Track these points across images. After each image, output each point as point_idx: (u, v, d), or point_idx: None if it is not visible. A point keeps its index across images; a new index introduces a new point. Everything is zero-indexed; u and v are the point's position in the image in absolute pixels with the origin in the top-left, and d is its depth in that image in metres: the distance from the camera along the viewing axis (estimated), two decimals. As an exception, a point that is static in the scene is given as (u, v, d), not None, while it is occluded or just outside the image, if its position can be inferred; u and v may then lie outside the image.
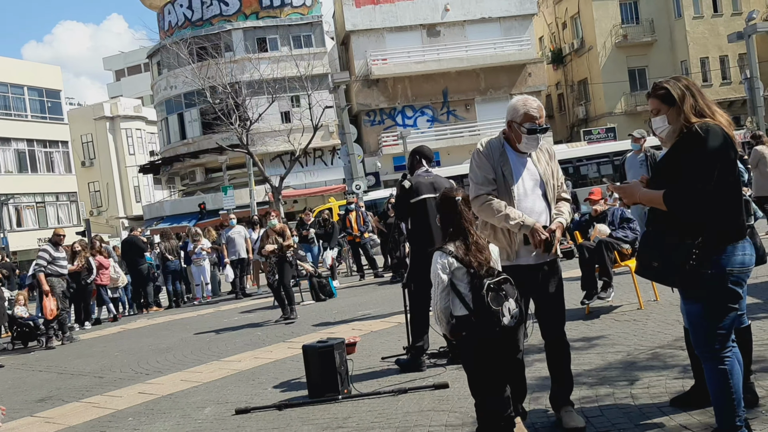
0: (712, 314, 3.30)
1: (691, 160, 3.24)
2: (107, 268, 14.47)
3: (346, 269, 17.66)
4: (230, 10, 35.94)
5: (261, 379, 6.59)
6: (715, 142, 3.20)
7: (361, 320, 9.24)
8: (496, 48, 36.77)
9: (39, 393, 7.66)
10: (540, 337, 4.22)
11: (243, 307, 13.18)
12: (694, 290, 3.32)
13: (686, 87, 3.41)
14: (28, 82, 39.90)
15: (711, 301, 3.29)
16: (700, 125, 3.26)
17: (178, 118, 37.23)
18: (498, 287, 3.55)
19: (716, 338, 3.31)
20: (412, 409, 4.89)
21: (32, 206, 40.37)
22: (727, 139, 3.24)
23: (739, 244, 3.29)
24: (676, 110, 3.38)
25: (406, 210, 6.24)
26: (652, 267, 3.42)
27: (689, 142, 3.26)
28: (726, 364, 3.32)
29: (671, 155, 3.39)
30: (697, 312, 3.35)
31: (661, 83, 3.49)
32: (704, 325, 3.33)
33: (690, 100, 3.35)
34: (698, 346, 3.40)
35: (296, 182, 34.53)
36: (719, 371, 3.32)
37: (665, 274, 3.40)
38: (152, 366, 8.27)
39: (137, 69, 60.09)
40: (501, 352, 3.67)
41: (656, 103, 3.47)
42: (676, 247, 3.29)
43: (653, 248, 3.42)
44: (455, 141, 35.59)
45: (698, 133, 3.23)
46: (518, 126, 4.00)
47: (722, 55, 38.74)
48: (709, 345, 3.33)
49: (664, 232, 3.37)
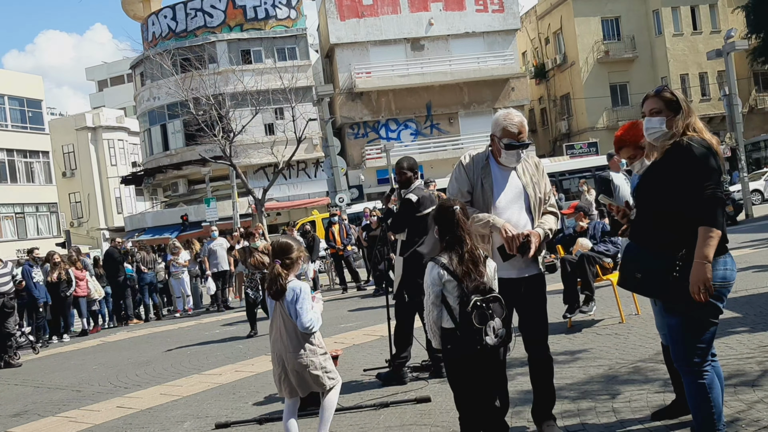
0: (693, 328, 3.29)
1: (694, 170, 3.22)
2: (82, 280, 14.31)
3: (328, 282, 17.60)
4: (215, 21, 35.94)
5: (242, 392, 6.53)
6: (710, 155, 3.24)
7: (344, 333, 9.20)
8: (479, 62, 37.05)
9: (14, 407, 7.53)
10: (522, 351, 4.22)
11: (224, 320, 13.08)
12: (675, 303, 3.30)
13: (686, 102, 3.44)
14: (9, 91, 39.53)
15: (691, 315, 3.27)
16: (695, 139, 3.28)
17: (161, 129, 37.06)
18: (485, 305, 3.50)
19: (696, 352, 3.30)
20: (393, 423, 4.86)
21: (11, 217, 39.86)
22: (716, 154, 3.27)
23: (721, 259, 3.27)
24: (677, 119, 3.38)
25: (408, 224, 6.11)
26: (634, 278, 3.41)
27: (685, 156, 3.25)
28: (705, 378, 3.30)
29: (661, 169, 3.36)
30: (678, 325, 3.33)
31: (668, 89, 3.52)
32: (684, 338, 3.31)
33: (693, 115, 3.40)
34: (678, 360, 3.39)
35: (279, 194, 34.45)
36: (699, 385, 3.30)
37: (648, 286, 3.39)
38: (131, 379, 8.17)
39: (120, 79, 59.78)
40: (482, 369, 3.61)
41: (659, 105, 3.44)
42: (659, 259, 3.29)
43: (636, 260, 3.41)
44: (438, 154, 35.73)
45: (693, 146, 3.24)
46: (498, 140, 4.02)
47: (702, 72, 39.32)
48: (688, 359, 3.32)
49: (647, 243, 3.36)
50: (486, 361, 3.59)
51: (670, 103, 3.43)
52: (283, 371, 4.27)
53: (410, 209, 6.11)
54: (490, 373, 3.67)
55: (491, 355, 3.59)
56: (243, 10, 35.99)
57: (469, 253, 3.57)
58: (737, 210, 19.84)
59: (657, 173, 3.38)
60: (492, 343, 3.51)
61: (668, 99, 3.44)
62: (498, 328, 3.51)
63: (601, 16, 39.81)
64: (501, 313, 3.54)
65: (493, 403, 3.73)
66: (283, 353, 4.24)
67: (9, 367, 10.74)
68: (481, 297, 3.51)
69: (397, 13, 36.48)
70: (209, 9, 35.97)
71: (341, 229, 15.88)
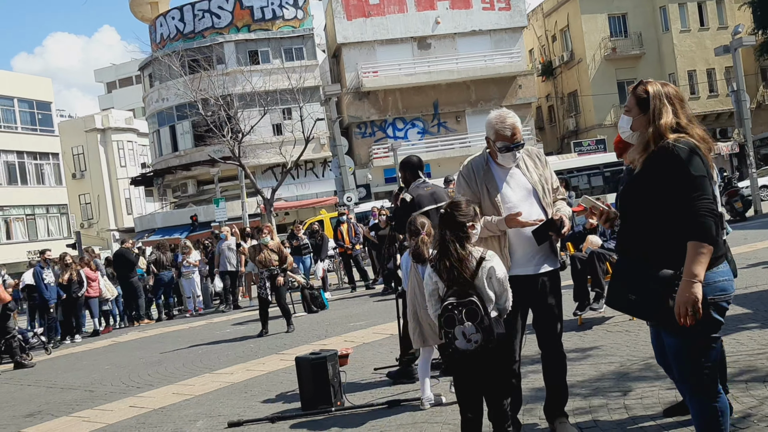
0: (697, 348, 2.95)
1: (679, 178, 2.90)
2: (94, 281, 14.41)
3: (337, 281, 17.64)
4: (222, 22, 36.02)
5: (253, 391, 6.57)
6: (695, 158, 2.91)
7: (353, 332, 9.23)
8: (486, 60, 36.99)
9: (27, 408, 7.59)
10: (533, 349, 4.24)
11: (235, 320, 13.13)
12: (673, 326, 2.92)
13: (669, 98, 3.05)
14: (19, 93, 39.73)
15: (693, 335, 2.92)
16: (679, 141, 2.94)
17: (170, 131, 37.18)
18: (456, 309, 3.42)
19: (704, 372, 2.96)
20: (405, 421, 4.88)
21: (22, 218, 40.09)
22: (702, 156, 2.94)
23: (719, 269, 2.96)
24: (646, 120, 3.04)
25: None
26: (627, 300, 3.05)
27: (669, 162, 2.92)
28: (719, 402, 2.97)
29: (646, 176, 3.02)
30: (680, 347, 3.00)
31: (646, 85, 3.11)
32: (688, 359, 2.98)
33: (667, 115, 3.00)
34: (685, 381, 3.05)
35: (288, 194, 34.50)
36: (711, 409, 2.97)
37: (644, 308, 3.02)
38: (143, 379, 8.22)
39: (129, 81, 60.02)
40: (477, 369, 3.53)
41: (631, 102, 3.13)
42: (656, 278, 2.93)
43: (630, 280, 3.04)
44: (446, 153, 35.70)
45: (677, 150, 2.91)
46: (493, 143, 4.04)
47: (709, 68, 39.13)
48: (697, 379, 2.98)
49: (641, 261, 3.00)
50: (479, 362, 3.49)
51: (641, 100, 3.08)
52: (417, 324, 5.10)
53: (406, 208, 6.13)
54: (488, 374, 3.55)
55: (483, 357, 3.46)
56: (250, 10, 36.06)
57: (454, 254, 3.49)
58: (746, 206, 19.75)
59: (642, 181, 3.05)
60: (463, 347, 3.42)
61: (639, 96, 3.10)
62: (470, 333, 3.40)
63: (608, 13, 39.67)
64: (475, 319, 3.39)
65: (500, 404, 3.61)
66: (418, 309, 5.05)
67: (22, 367, 10.82)
68: (455, 300, 3.45)
69: (403, 12, 36.48)
70: (217, 10, 36.05)
71: (349, 228, 15.91)
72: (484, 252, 3.56)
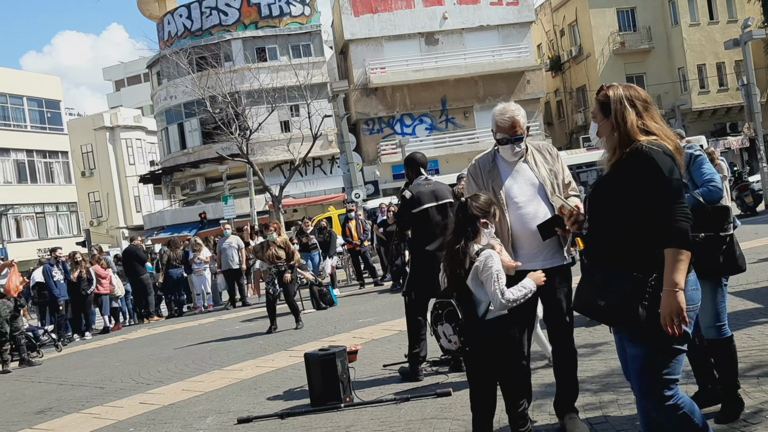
0: (660, 360, 2.83)
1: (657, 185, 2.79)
2: (104, 278, 14.47)
3: (345, 278, 17.65)
4: (229, 20, 36.05)
5: (263, 387, 6.58)
6: (671, 163, 2.80)
7: (362, 328, 9.23)
8: (494, 56, 36.86)
9: (38, 404, 7.64)
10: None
11: (244, 316, 13.16)
12: (643, 335, 2.82)
13: (631, 101, 2.92)
14: (28, 92, 39.93)
15: (658, 346, 2.81)
16: (653, 144, 2.82)
17: (178, 128, 37.27)
18: (439, 308, 3.43)
19: (666, 384, 2.83)
20: (414, 417, 4.87)
21: (32, 217, 40.32)
22: (675, 161, 2.83)
23: (688, 279, 2.81)
24: (610, 124, 2.93)
25: (408, 221, 6.18)
26: (596, 305, 2.93)
27: (645, 167, 2.81)
28: (683, 406, 2.85)
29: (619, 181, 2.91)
30: (642, 356, 2.86)
31: (608, 89, 3.01)
32: (651, 370, 2.85)
33: (631, 116, 2.88)
34: (644, 395, 2.90)
35: (296, 191, 34.53)
36: (680, 417, 2.85)
37: (612, 315, 2.90)
38: (153, 376, 8.25)
39: (137, 79, 60.16)
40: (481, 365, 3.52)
41: (596, 108, 3.04)
42: (627, 284, 2.83)
43: (598, 284, 2.92)
44: (454, 149, 35.61)
45: (654, 156, 2.79)
46: (494, 135, 4.03)
47: (719, 62, 38.86)
48: (657, 392, 2.85)
49: (611, 265, 2.90)
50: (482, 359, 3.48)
51: (603, 105, 2.98)
52: None
53: (405, 206, 6.12)
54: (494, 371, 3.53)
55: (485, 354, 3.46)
56: (257, 7, 36.08)
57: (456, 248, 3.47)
58: (756, 200, 19.64)
59: (612, 184, 2.94)
60: (446, 346, 3.45)
61: (601, 101, 3.00)
62: (449, 334, 3.39)
63: (616, 7, 39.45)
64: (454, 321, 3.37)
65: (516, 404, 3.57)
66: None
67: (28, 365, 10.88)
68: (441, 299, 3.46)
69: (410, 7, 36.39)
70: (224, 7, 36.08)
71: (358, 224, 15.91)
72: (480, 250, 3.46)
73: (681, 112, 37.28)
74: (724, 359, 3.97)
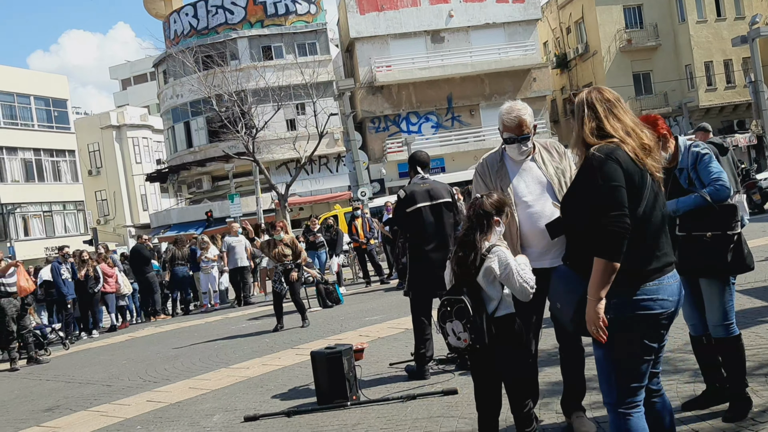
0: (617, 364, 2.81)
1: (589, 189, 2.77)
2: (111, 276, 14.52)
3: (351, 276, 17.66)
4: (235, 18, 36.09)
5: (269, 386, 6.59)
6: (609, 167, 2.72)
7: (369, 326, 9.23)
8: (500, 53, 36.79)
9: (46, 402, 7.67)
10: (550, 342, 4.21)
11: (251, 314, 13.18)
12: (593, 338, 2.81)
13: (591, 105, 2.87)
14: (35, 91, 40.08)
15: (615, 351, 2.79)
16: (600, 149, 2.77)
17: (185, 127, 37.36)
18: (449, 305, 3.42)
19: (623, 391, 2.81)
20: (421, 415, 4.87)
21: (39, 215, 40.49)
22: (621, 163, 2.73)
23: (647, 287, 2.76)
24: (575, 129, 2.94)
25: (402, 219, 6.13)
26: (555, 307, 2.99)
27: (585, 171, 2.81)
28: (629, 422, 2.80)
29: (575, 183, 2.95)
30: (602, 359, 2.85)
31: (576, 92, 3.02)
32: (609, 374, 2.85)
33: (589, 121, 2.84)
34: (605, 397, 2.91)
35: (302, 189, 34.57)
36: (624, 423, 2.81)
37: (564, 318, 2.93)
38: (160, 374, 8.27)
39: (143, 78, 60.32)
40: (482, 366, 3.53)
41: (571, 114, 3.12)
42: (572, 290, 2.85)
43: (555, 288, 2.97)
44: (460, 147, 35.59)
45: (591, 157, 2.77)
46: (501, 134, 4.02)
47: (726, 59, 38.68)
48: (615, 397, 2.83)
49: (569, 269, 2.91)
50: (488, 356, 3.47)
51: (573, 110, 2.98)
52: None
53: (399, 205, 6.09)
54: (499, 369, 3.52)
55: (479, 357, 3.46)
56: (263, 6, 36.10)
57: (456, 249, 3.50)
58: (764, 198, 19.53)
59: (573, 189, 2.99)
60: (454, 344, 3.43)
61: (571, 106, 3.02)
62: (459, 332, 3.37)
63: (623, 4, 39.32)
64: (464, 318, 3.36)
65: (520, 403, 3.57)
66: None
67: (35, 363, 10.94)
68: (449, 296, 3.44)
69: (416, 5, 36.35)
70: (230, 6, 36.13)
71: (364, 223, 15.91)
72: (491, 247, 3.45)
73: (688, 109, 37.14)
74: (732, 358, 3.95)
